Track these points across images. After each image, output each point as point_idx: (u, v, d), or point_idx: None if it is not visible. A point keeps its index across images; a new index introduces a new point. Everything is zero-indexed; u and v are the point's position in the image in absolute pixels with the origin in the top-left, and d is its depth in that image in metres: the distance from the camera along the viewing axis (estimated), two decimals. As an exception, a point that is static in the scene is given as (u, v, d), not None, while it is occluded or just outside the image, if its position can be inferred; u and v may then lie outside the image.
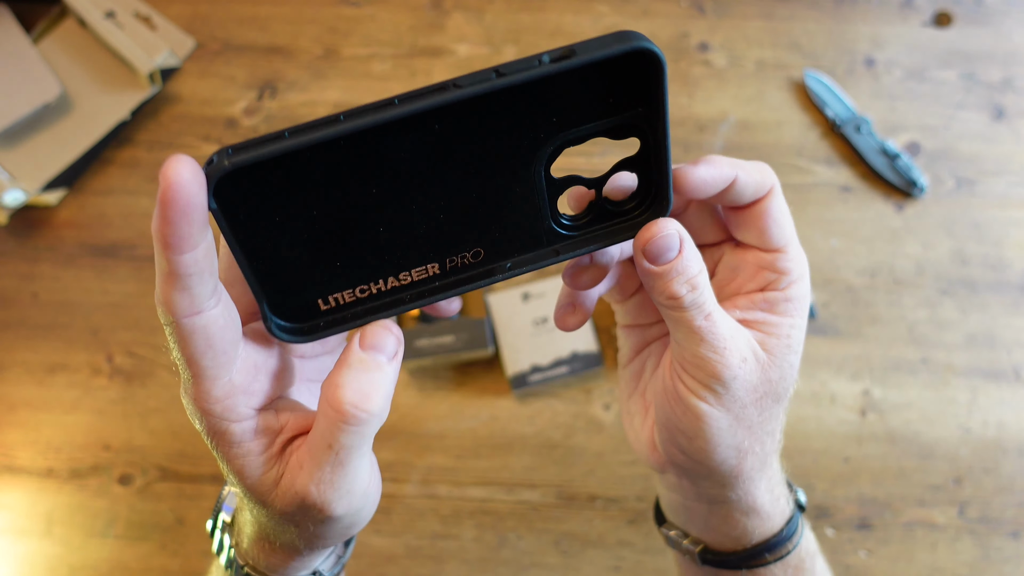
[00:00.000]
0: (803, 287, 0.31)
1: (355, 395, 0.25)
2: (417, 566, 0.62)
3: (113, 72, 0.74)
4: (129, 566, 0.63)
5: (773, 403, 0.31)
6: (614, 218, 0.29)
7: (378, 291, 0.28)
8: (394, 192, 0.25)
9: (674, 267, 0.28)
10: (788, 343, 0.31)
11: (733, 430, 0.31)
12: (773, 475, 0.34)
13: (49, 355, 0.68)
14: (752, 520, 0.34)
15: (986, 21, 0.76)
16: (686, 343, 0.29)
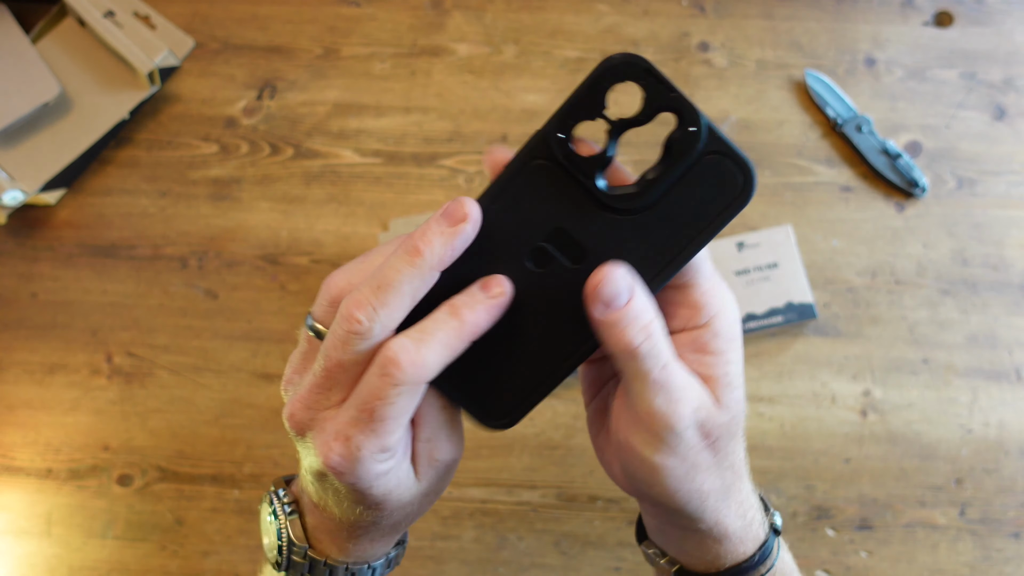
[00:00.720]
0: (726, 319, 0.30)
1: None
2: (417, 567, 0.62)
3: (112, 72, 0.74)
4: (128, 567, 0.62)
5: (728, 441, 0.31)
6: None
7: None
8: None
9: (626, 314, 0.28)
10: (727, 381, 0.30)
11: (691, 476, 0.30)
12: (743, 500, 0.34)
13: (48, 355, 0.68)
14: (724, 545, 0.34)
15: (987, 21, 0.76)
16: (640, 394, 0.29)
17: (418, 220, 0.69)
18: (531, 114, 0.73)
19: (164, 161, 0.73)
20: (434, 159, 0.73)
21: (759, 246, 0.66)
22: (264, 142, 0.74)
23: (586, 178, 0.28)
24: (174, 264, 0.70)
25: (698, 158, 0.28)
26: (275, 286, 0.69)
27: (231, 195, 0.72)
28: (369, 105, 0.75)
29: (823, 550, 0.61)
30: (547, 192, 0.28)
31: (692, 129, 0.28)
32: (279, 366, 0.67)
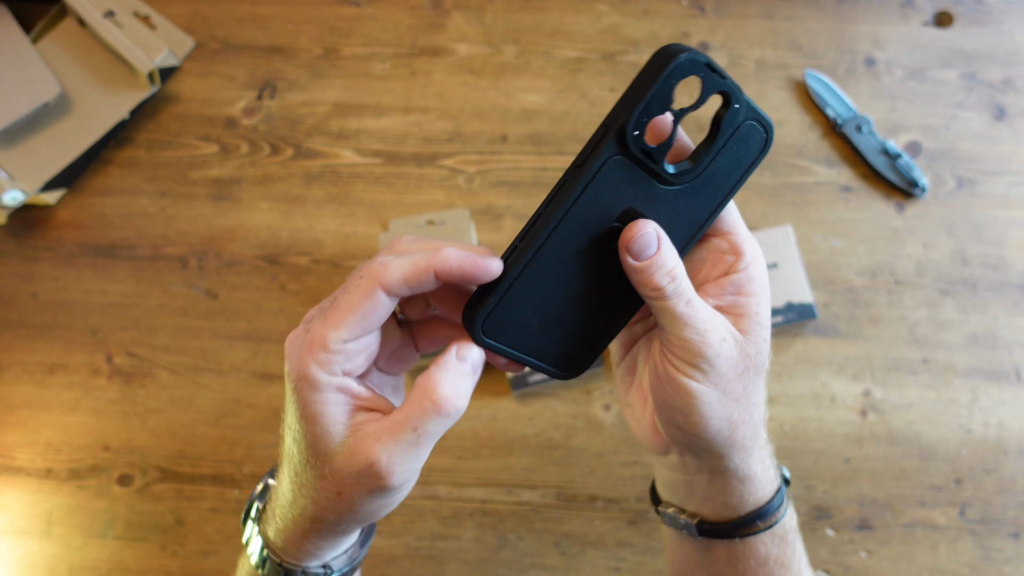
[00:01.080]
0: (760, 267, 0.34)
1: (451, 392, 0.30)
2: (417, 567, 0.62)
3: (112, 72, 0.74)
4: (128, 567, 0.62)
5: (755, 376, 0.35)
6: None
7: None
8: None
9: (654, 262, 0.32)
10: (758, 320, 0.34)
11: (722, 403, 0.34)
12: (763, 445, 0.38)
13: (48, 355, 0.68)
14: (748, 487, 0.37)
15: (987, 21, 0.76)
16: (671, 328, 0.33)
17: (417, 220, 0.69)
18: (531, 114, 0.73)
19: (164, 161, 0.73)
20: (434, 159, 0.73)
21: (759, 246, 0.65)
22: (264, 142, 0.74)
23: (657, 165, 0.32)
24: (174, 264, 0.70)
25: (738, 127, 0.34)
26: (275, 286, 0.69)
27: (231, 195, 0.72)
28: (369, 105, 0.75)
29: (823, 550, 0.61)
30: (622, 181, 0.32)
31: (737, 106, 0.33)
32: (279, 366, 0.67)
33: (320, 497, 0.33)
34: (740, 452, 0.36)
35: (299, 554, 0.37)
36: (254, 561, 0.38)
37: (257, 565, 0.38)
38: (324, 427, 0.31)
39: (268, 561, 0.37)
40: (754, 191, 0.70)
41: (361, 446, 0.31)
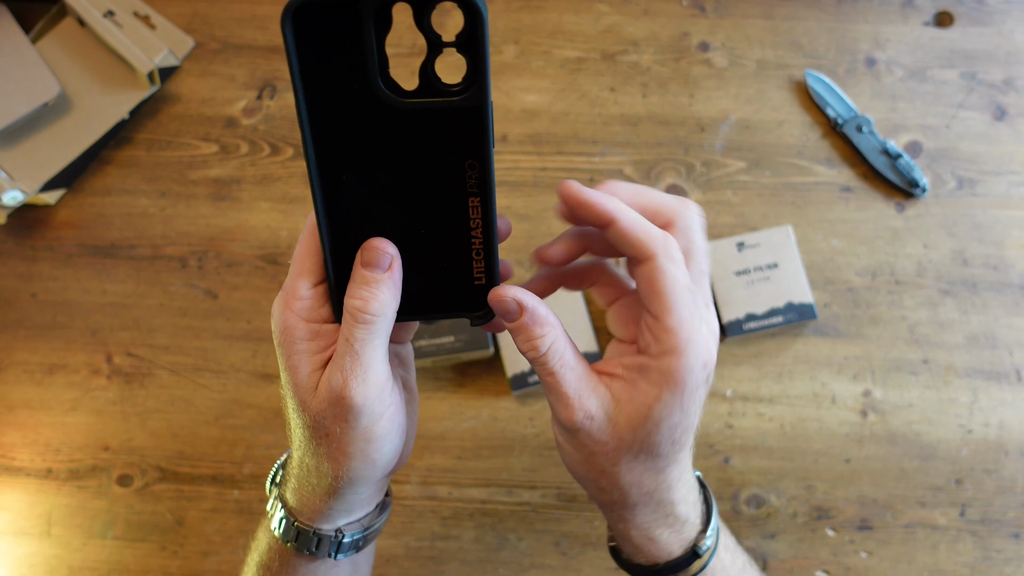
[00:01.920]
0: (676, 362, 0.31)
1: (358, 302, 0.31)
2: (417, 567, 0.62)
3: (112, 72, 0.74)
4: (128, 567, 0.62)
5: (632, 460, 0.33)
6: (439, 95, 0.31)
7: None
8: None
9: (517, 327, 0.32)
10: (647, 414, 0.32)
11: (586, 467, 0.34)
12: (650, 520, 0.36)
13: (48, 355, 0.68)
14: (627, 546, 0.37)
15: (987, 21, 0.75)
16: (543, 388, 0.34)
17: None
18: (531, 114, 0.73)
19: (164, 161, 0.73)
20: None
21: (759, 246, 0.66)
22: (264, 142, 0.74)
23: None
24: (174, 264, 0.70)
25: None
26: (275, 286, 0.69)
27: (231, 195, 0.72)
28: (369, 105, 0.74)
29: (823, 550, 0.61)
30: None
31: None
32: (279, 366, 0.67)
33: (317, 447, 0.34)
34: (612, 514, 0.36)
35: (313, 515, 0.38)
36: (273, 524, 0.39)
37: (275, 528, 0.39)
38: (302, 376, 0.33)
39: (283, 522, 0.38)
40: (754, 191, 0.70)
41: (325, 378, 0.33)
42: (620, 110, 0.73)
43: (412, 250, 0.33)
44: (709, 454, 0.64)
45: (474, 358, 0.64)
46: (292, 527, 0.38)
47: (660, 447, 0.33)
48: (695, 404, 0.32)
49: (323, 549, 0.38)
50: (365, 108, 0.30)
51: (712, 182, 0.71)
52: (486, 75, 0.30)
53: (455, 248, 0.33)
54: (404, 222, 0.32)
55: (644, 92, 0.74)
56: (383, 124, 0.30)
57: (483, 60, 0.30)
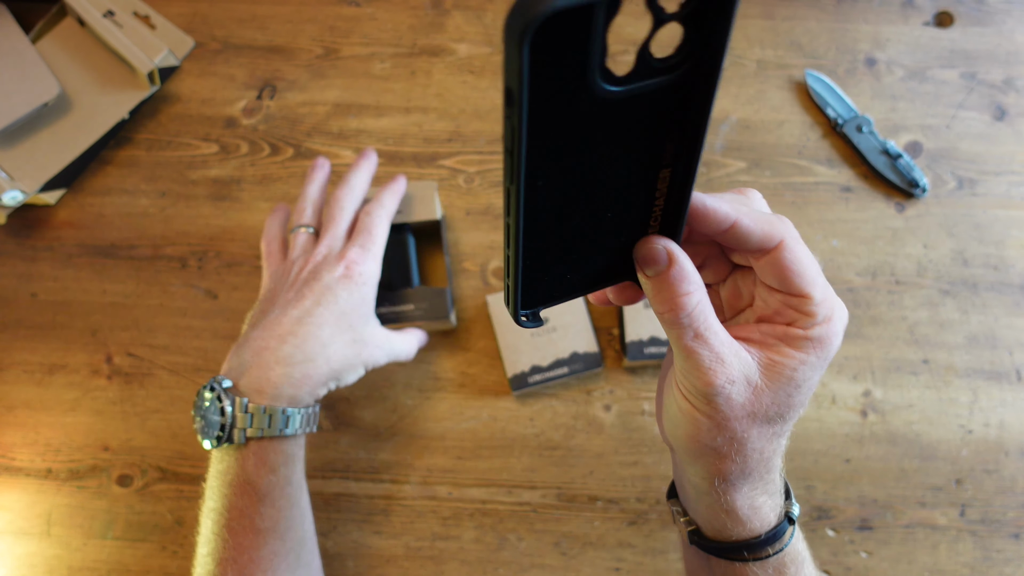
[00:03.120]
0: (828, 328, 0.32)
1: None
2: (417, 567, 0.62)
3: (112, 71, 0.74)
4: (128, 567, 0.62)
5: (763, 424, 0.33)
6: (659, 73, 0.26)
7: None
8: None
9: (661, 281, 0.31)
10: (791, 376, 0.32)
11: (712, 434, 0.33)
12: (757, 488, 0.36)
13: (48, 355, 0.68)
14: (730, 519, 0.37)
15: (988, 21, 0.75)
16: (676, 355, 0.33)
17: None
18: (531, 114, 0.73)
19: (164, 161, 0.73)
20: (434, 159, 0.72)
21: None
22: (264, 142, 0.74)
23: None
24: (174, 264, 0.70)
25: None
26: (275, 286, 0.69)
27: (231, 195, 0.72)
28: (369, 105, 0.74)
29: (823, 551, 0.61)
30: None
31: None
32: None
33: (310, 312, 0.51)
34: (723, 485, 0.35)
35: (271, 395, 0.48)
36: (251, 422, 0.48)
37: (254, 424, 0.48)
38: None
39: (256, 417, 0.48)
40: (754, 191, 0.70)
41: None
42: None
43: (596, 230, 0.31)
44: (709, 454, 0.64)
45: (434, 328, 0.64)
46: (271, 413, 0.49)
47: (793, 409, 0.34)
48: (826, 368, 0.34)
49: (305, 422, 0.51)
50: (580, 105, 0.26)
51: (712, 182, 0.71)
52: (726, 39, 0.26)
53: (637, 222, 0.32)
54: (594, 207, 0.30)
55: (644, 92, 0.74)
56: (595, 116, 0.27)
57: (726, 22, 0.25)
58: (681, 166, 0.29)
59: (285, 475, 0.50)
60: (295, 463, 0.51)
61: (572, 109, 0.26)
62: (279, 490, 0.49)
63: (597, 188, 0.29)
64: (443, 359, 0.66)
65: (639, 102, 0.27)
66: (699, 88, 0.27)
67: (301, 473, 0.52)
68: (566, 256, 0.32)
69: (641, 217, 0.31)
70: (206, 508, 0.50)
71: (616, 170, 0.29)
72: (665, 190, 0.30)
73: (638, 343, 0.62)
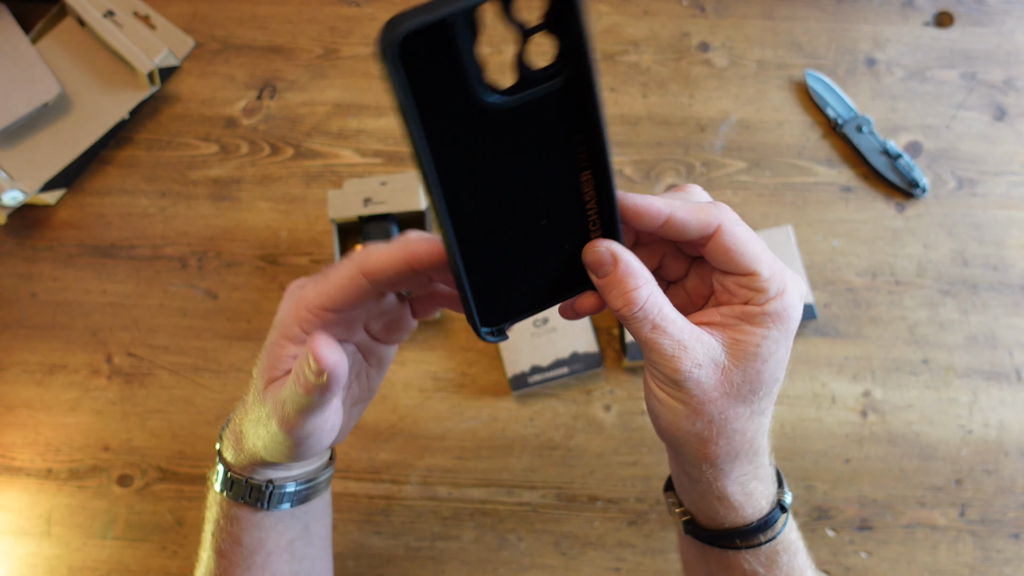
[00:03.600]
0: (782, 302, 0.33)
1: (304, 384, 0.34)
2: (417, 567, 0.62)
3: (112, 72, 0.74)
4: (129, 567, 0.62)
5: (738, 403, 0.34)
6: (540, 82, 0.28)
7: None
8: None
9: (610, 281, 0.32)
10: (756, 352, 0.33)
11: (690, 420, 0.34)
12: (747, 472, 0.37)
13: (48, 355, 0.68)
14: (722, 506, 0.37)
15: (988, 21, 0.75)
16: (643, 349, 0.33)
17: (371, 181, 0.67)
18: (531, 114, 0.73)
19: (164, 161, 0.73)
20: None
21: None
22: (264, 142, 0.74)
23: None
24: (174, 264, 0.70)
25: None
26: (275, 286, 0.69)
27: (231, 195, 0.72)
28: (369, 105, 0.74)
29: (823, 551, 0.61)
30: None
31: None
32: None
33: (259, 423, 0.37)
34: (712, 469, 0.36)
35: (247, 468, 0.41)
36: (216, 478, 0.42)
37: (214, 479, 0.42)
38: (271, 365, 0.36)
39: (219, 472, 0.41)
40: (754, 191, 0.70)
41: (279, 392, 0.35)
42: (620, 110, 0.73)
43: (537, 241, 0.33)
44: (709, 454, 0.64)
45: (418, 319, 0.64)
46: (227, 477, 0.41)
47: (765, 385, 0.34)
48: (791, 339, 0.34)
49: (256, 497, 0.41)
50: (471, 118, 0.28)
51: (712, 182, 0.71)
52: (586, 42, 0.28)
53: (577, 229, 0.33)
54: (525, 217, 0.32)
55: (644, 92, 0.74)
56: (492, 128, 0.29)
57: (580, 27, 0.27)
58: (597, 168, 0.31)
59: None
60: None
61: (468, 122, 0.28)
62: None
63: (524, 198, 0.31)
64: (443, 359, 0.66)
65: (535, 111, 0.29)
66: (584, 91, 0.28)
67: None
68: (516, 269, 0.33)
69: (580, 224, 0.33)
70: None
71: (536, 178, 0.31)
72: (593, 193, 0.32)
73: (638, 343, 0.62)
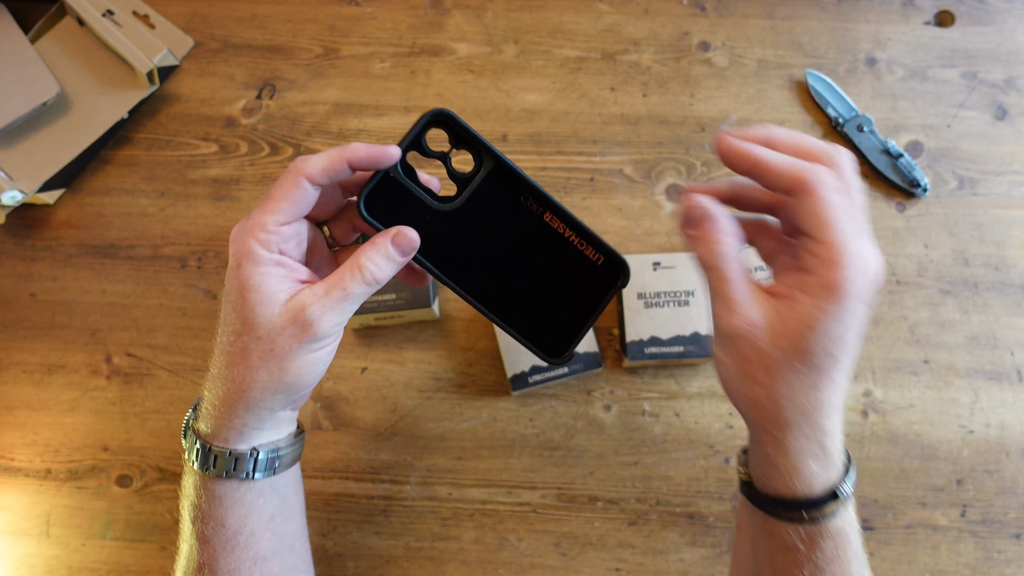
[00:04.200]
0: (837, 273, 0.33)
1: (375, 267, 0.39)
2: (417, 568, 0.61)
3: (111, 71, 0.74)
4: (128, 568, 0.62)
5: (787, 371, 0.35)
6: (472, 179, 0.44)
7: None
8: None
9: (700, 233, 0.36)
10: (807, 323, 0.34)
11: (743, 382, 0.36)
12: (803, 447, 0.37)
13: (47, 355, 0.68)
14: (773, 472, 0.38)
15: (988, 20, 0.75)
16: (711, 299, 0.36)
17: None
18: (531, 113, 0.73)
19: (163, 161, 0.73)
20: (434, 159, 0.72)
21: None
22: (263, 142, 0.74)
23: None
24: (173, 264, 0.70)
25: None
26: (274, 286, 0.69)
27: (230, 195, 0.72)
28: (369, 105, 0.74)
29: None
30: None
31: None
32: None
33: (252, 359, 0.39)
34: (765, 435, 0.37)
35: (227, 435, 0.41)
36: (192, 458, 0.41)
37: (193, 461, 0.41)
38: (265, 294, 0.38)
39: (199, 451, 0.41)
40: (755, 191, 0.70)
41: (297, 302, 0.38)
42: (620, 110, 0.73)
43: (546, 277, 0.43)
44: (709, 454, 0.63)
45: (417, 318, 0.64)
46: (209, 453, 0.41)
47: (815, 356, 0.34)
48: (854, 319, 0.34)
49: (241, 467, 0.41)
50: (442, 223, 0.42)
51: (712, 182, 0.71)
52: (486, 146, 0.43)
53: (566, 254, 0.43)
54: (527, 261, 0.43)
55: (644, 92, 0.74)
56: (460, 221, 0.42)
57: (476, 140, 0.43)
58: (550, 207, 0.43)
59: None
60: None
61: (441, 227, 0.42)
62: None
63: (516, 253, 0.43)
64: (443, 359, 0.66)
65: (483, 195, 0.43)
66: (503, 167, 0.42)
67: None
68: (548, 303, 0.43)
69: (569, 249, 0.43)
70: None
71: (515, 235, 0.42)
72: (562, 225, 0.43)
73: (638, 343, 0.62)
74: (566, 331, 0.44)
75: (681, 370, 0.65)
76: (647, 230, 0.69)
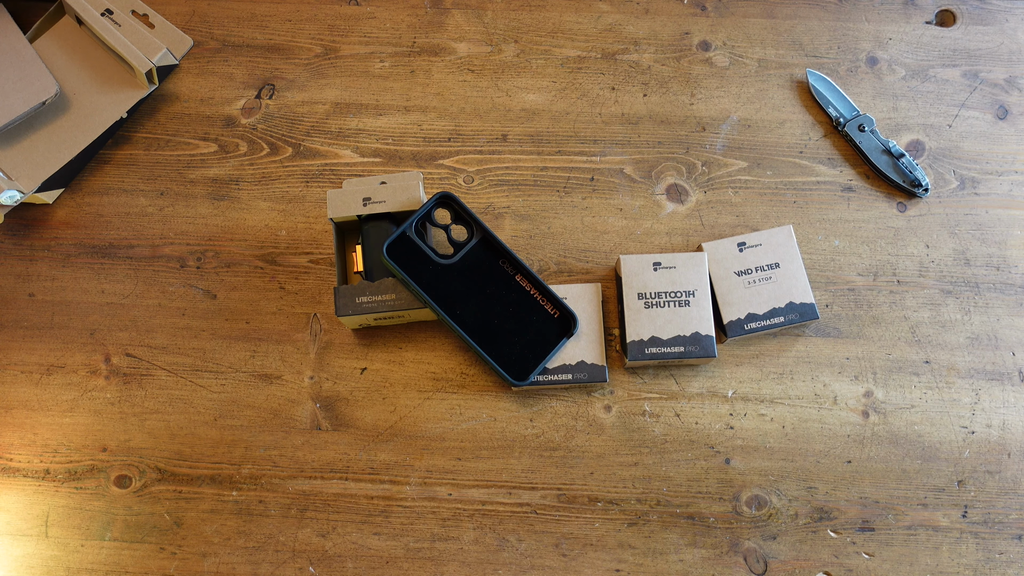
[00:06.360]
0: None
1: None
2: (417, 568, 0.61)
3: (110, 70, 0.74)
4: (127, 568, 0.62)
5: None
6: (466, 244, 0.64)
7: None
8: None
9: None
10: None
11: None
12: None
13: (46, 356, 0.68)
14: None
15: (990, 20, 0.75)
16: None
17: (371, 181, 0.67)
18: (531, 113, 0.73)
19: (162, 160, 0.73)
20: (434, 158, 0.72)
21: (760, 246, 0.65)
22: (263, 141, 0.73)
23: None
24: (172, 264, 0.70)
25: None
26: (274, 286, 0.69)
27: (229, 195, 0.72)
28: (368, 104, 0.74)
29: (824, 552, 0.61)
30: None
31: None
32: (278, 367, 0.67)
33: None
34: None
35: None
36: None
37: None
38: None
39: None
40: (755, 191, 0.70)
41: None
42: (620, 109, 0.73)
43: (514, 322, 0.61)
44: (710, 455, 0.63)
45: (416, 318, 0.65)
46: None
47: None
48: None
49: None
50: (443, 273, 0.61)
51: (713, 182, 0.71)
52: (477, 222, 0.62)
53: (530, 307, 0.62)
54: (500, 309, 0.62)
55: (645, 91, 0.74)
56: (456, 273, 0.61)
57: (471, 216, 0.62)
58: (521, 271, 0.62)
59: None
60: None
61: (442, 275, 0.61)
62: None
63: (494, 300, 0.62)
64: (443, 359, 0.66)
65: (473, 257, 0.62)
66: (490, 239, 0.62)
67: None
68: (516, 339, 0.61)
69: (533, 303, 0.62)
70: None
71: (494, 287, 0.62)
72: (529, 285, 0.62)
73: (638, 343, 0.62)
74: (527, 362, 0.61)
75: (681, 370, 0.65)
76: (647, 230, 0.69)
